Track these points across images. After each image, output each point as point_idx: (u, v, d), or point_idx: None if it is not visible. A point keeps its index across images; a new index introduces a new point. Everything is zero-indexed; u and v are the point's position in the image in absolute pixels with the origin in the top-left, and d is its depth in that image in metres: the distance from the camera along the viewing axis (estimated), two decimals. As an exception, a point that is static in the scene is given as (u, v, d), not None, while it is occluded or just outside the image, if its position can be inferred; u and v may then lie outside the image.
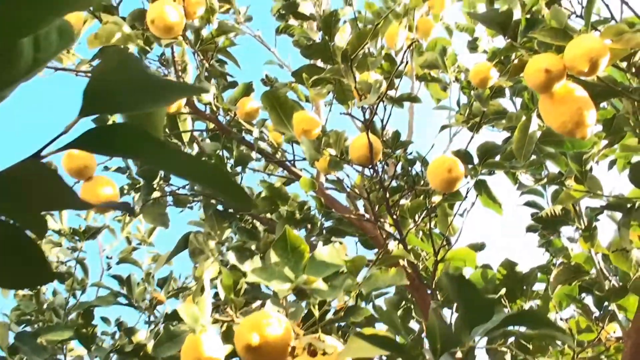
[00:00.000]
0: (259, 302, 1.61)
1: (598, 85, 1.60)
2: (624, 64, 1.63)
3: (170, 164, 0.54)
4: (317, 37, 2.72)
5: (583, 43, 1.25)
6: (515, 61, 1.31)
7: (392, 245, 2.33)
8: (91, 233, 3.30)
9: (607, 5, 1.77)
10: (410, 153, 2.64)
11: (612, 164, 2.68)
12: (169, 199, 2.52)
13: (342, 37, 2.26)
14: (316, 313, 1.23)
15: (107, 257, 4.53)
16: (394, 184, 2.58)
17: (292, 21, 2.95)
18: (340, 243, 2.53)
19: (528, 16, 1.44)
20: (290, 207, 2.11)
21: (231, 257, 1.67)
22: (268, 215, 2.36)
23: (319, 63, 2.38)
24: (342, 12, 3.12)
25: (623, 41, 1.26)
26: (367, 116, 2.13)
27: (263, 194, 2.16)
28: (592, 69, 1.25)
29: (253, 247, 2.21)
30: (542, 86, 1.30)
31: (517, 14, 1.44)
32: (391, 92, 2.04)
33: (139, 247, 3.88)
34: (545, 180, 2.34)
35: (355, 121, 2.51)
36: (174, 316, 1.65)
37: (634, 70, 1.72)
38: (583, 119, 1.32)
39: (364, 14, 2.85)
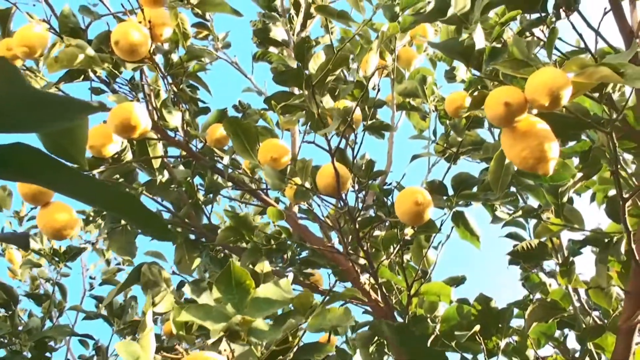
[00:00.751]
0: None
1: (567, 117, 1.55)
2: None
3: (71, 188, 0.49)
4: (295, 64, 2.68)
5: (543, 76, 1.20)
6: (476, 93, 1.25)
7: (364, 278, 2.26)
8: (72, 254, 3.22)
9: (580, 36, 1.73)
10: (390, 183, 2.59)
11: (593, 197, 2.63)
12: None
13: (316, 64, 2.22)
14: (257, 354, 1.16)
15: (90, 278, 4.45)
16: (372, 213, 2.52)
17: (272, 48, 2.92)
18: (312, 275, 2.47)
19: (492, 45, 1.39)
20: (257, 237, 2.04)
21: (187, 290, 1.60)
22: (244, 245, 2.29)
23: (296, 90, 2.34)
24: (323, 40, 3.09)
25: (586, 75, 1.20)
26: (342, 145, 2.08)
27: (228, 224, 2.09)
28: (553, 103, 1.19)
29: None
30: (502, 120, 1.24)
31: (482, 43, 1.39)
32: (361, 119, 1.98)
33: (123, 269, 3.80)
34: (520, 212, 2.28)
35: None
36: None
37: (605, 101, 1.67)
38: (545, 154, 1.26)
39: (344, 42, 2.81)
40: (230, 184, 2.40)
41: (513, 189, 2.38)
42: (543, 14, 1.72)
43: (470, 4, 1.50)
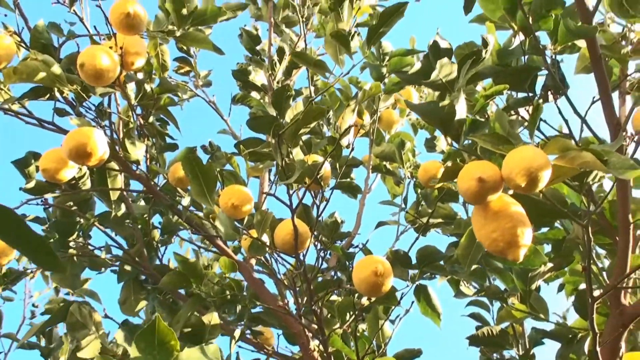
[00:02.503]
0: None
1: (544, 203, 1.47)
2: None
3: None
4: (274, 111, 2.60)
5: (523, 154, 1.11)
6: (449, 164, 1.17)
7: (314, 345, 2.13)
8: (12, 278, 3.04)
9: (566, 121, 1.67)
10: (356, 246, 2.48)
11: (561, 287, 2.54)
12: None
13: (293, 114, 2.14)
14: None
15: (33, 305, 4.22)
16: (334, 275, 2.41)
17: (254, 93, 2.84)
18: (262, 334, 2.33)
19: (474, 117, 1.31)
20: (206, 287, 1.91)
21: (119, 336, 1.46)
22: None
23: (270, 138, 2.25)
24: (306, 91, 3.03)
25: (568, 159, 1.12)
26: (316, 201, 1.98)
27: (177, 268, 1.96)
28: (530, 185, 1.11)
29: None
30: (474, 196, 1.15)
31: (463, 113, 1.31)
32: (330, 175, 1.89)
33: (68, 298, 3.61)
34: (484, 292, 2.19)
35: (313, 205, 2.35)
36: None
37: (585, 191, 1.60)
38: (516, 239, 1.17)
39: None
40: (188, 226, 2.28)
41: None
42: (530, 94, 1.66)
43: (456, 72, 1.44)
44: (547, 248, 2.12)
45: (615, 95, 2.02)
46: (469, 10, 1.54)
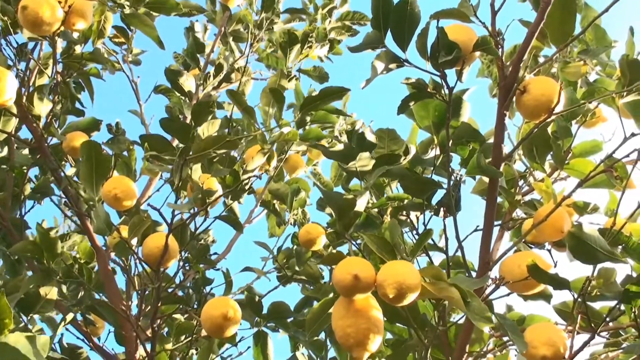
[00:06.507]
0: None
1: (399, 311, 1.56)
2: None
3: None
4: (189, 116, 2.59)
5: (400, 269, 1.19)
6: (334, 251, 1.22)
7: (140, 354, 2.11)
8: None
9: (446, 239, 1.78)
10: (218, 269, 2.49)
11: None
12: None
13: (207, 130, 2.14)
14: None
15: None
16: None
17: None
18: (95, 325, 2.28)
19: (369, 214, 1.38)
20: (56, 265, 1.86)
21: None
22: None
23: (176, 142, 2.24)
24: (228, 107, 3.04)
25: (436, 287, 1.21)
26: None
27: (35, 238, 1.90)
28: (397, 298, 1.18)
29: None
30: (345, 290, 1.22)
31: (362, 207, 1.38)
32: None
33: None
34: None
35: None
36: None
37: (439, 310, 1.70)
38: (367, 341, 1.24)
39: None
40: (63, 194, 2.21)
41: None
42: (426, 203, 1.76)
43: (372, 167, 1.51)
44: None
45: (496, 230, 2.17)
46: (402, 111, 1.62)
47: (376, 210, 1.66)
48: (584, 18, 2.16)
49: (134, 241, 1.79)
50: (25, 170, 2.23)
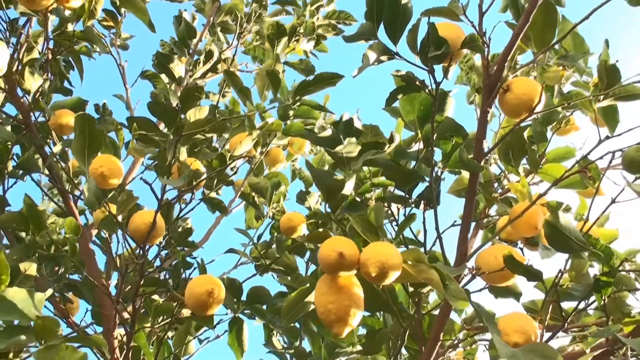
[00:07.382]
0: None
1: (380, 294, 1.61)
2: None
3: None
4: (176, 103, 2.61)
5: (383, 249, 1.24)
6: (320, 230, 1.27)
7: (118, 333, 2.13)
8: None
9: (425, 231, 1.83)
10: (195, 257, 2.51)
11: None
12: None
13: (195, 116, 2.17)
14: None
15: None
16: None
17: (164, 77, 2.83)
18: (71, 302, 2.29)
19: (355, 197, 1.43)
20: (41, 238, 1.87)
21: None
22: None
23: (162, 126, 2.26)
24: (213, 98, 3.07)
25: (417, 269, 1.26)
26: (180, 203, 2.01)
27: (22, 210, 1.91)
28: (379, 277, 1.23)
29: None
30: (330, 267, 1.26)
31: (349, 190, 1.42)
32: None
33: None
34: (292, 350, 2.29)
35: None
36: None
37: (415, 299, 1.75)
38: (347, 318, 1.28)
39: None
40: (46, 172, 2.22)
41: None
42: (407, 195, 1.82)
43: (357, 153, 1.56)
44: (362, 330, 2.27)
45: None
46: (390, 104, 1.68)
47: (359, 199, 1.71)
48: (561, 31, 2.24)
49: (120, 218, 1.81)
50: (9, 146, 2.24)
